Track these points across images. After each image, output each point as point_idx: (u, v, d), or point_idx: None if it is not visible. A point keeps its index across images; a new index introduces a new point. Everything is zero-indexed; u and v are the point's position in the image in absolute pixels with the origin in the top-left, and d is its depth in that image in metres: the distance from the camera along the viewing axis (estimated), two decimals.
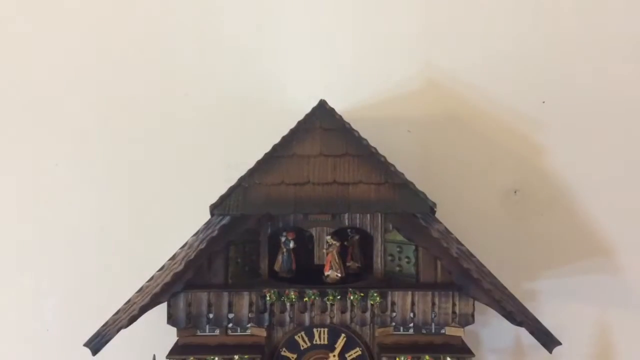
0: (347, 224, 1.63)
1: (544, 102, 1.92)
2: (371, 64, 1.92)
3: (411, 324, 1.58)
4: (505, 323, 1.92)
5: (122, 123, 1.89)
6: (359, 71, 1.91)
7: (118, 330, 1.46)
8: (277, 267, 1.66)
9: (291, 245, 1.65)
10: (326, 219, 1.61)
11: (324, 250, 1.61)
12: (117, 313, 1.47)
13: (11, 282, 1.91)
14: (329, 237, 1.61)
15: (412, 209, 1.41)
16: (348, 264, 1.68)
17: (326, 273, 1.61)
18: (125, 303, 1.47)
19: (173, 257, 1.46)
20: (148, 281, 1.46)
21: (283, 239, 1.65)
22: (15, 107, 1.89)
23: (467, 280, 1.51)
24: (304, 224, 1.62)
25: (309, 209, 1.38)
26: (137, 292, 1.47)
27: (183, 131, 1.88)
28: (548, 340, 1.50)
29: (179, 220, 1.58)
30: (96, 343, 1.47)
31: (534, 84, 1.92)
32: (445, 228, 1.46)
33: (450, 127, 1.92)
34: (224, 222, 1.43)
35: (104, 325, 1.47)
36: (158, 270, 1.46)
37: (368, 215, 1.62)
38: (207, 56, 1.90)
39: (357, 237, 1.69)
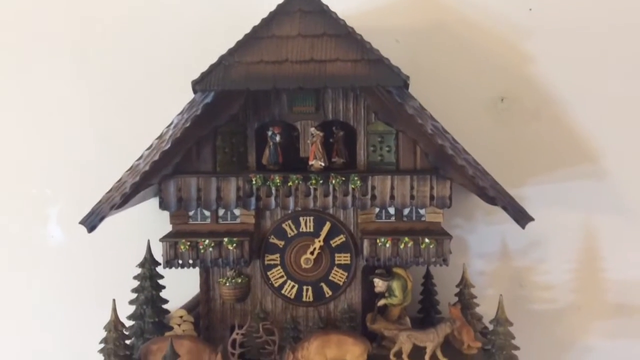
0: (331, 117, 1.69)
1: (530, 9, 1.94)
2: None
3: (391, 207, 1.65)
4: (492, 228, 2.00)
5: (107, 17, 1.95)
6: None
7: (111, 208, 1.54)
8: (264, 160, 1.72)
9: (277, 139, 1.70)
10: (310, 110, 1.68)
11: (308, 142, 1.67)
12: (109, 191, 1.55)
13: (16, 190, 2.02)
14: (312, 129, 1.67)
15: (386, 82, 1.46)
16: (333, 159, 1.73)
17: (310, 162, 1.67)
18: (117, 181, 1.54)
19: (160, 136, 1.52)
20: (137, 160, 1.53)
21: (269, 132, 1.70)
22: None
23: (443, 161, 1.56)
24: (289, 117, 1.69)
25: (287, 84, 1.44)
26: (127, 171, 1.54)
27: (170, 29, 1.94)
28: (520, 216, 1.54)
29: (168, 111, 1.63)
30: (91, 221, 1.55)
31: None
32: (420, 105, 1.51)
33: (438, 35, 1.95)
34: (207, 100, 1.49)
35: (97, 204, 1.55)
36: (147, 149, 1.53)
37: (351, 108, 1.67)
38: None
39: (341, 133, 1.75)
